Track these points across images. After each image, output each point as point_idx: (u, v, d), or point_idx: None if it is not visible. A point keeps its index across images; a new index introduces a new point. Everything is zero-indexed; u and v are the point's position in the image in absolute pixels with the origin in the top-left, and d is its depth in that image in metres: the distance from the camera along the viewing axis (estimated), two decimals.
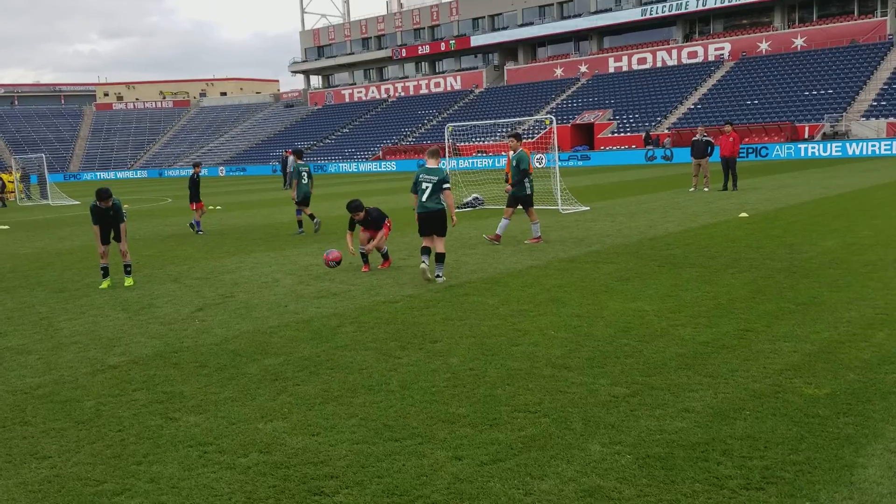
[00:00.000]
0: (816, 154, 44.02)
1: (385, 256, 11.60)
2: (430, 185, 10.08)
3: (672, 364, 5.99)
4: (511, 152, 13.76)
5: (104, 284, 10.90)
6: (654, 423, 4.79)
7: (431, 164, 10.37)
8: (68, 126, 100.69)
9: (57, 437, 5.06)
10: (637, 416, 4.93)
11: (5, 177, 39.39)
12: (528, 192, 13.41)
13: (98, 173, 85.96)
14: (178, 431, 5.04)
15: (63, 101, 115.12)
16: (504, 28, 77.19)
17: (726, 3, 62.13)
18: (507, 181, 19.15)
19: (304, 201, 16.83)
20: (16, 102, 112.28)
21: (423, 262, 10.02)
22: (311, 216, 16.94)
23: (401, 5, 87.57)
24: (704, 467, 4.17)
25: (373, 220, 11.40)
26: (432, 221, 10.14)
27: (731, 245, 11.92)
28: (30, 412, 5.58)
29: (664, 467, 4.19)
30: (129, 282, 10.98)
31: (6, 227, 22.33)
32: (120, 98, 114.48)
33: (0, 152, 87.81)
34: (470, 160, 54.19)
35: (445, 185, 10.06)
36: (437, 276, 10.09)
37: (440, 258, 10.17)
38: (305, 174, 16.78)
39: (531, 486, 4.05)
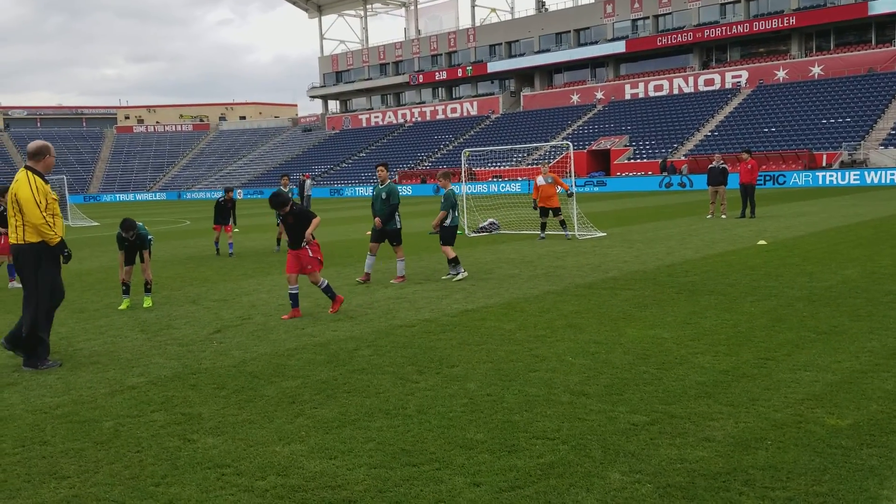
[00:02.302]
0: (834, 182, 43.83)
1: (330, 294, 9.90)
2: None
3: (692, 392, 5.94)
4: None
5: (123, 305, 10.98)
6: (674, 452, 4.74)
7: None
8: (89, 148, 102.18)
9: (76, 457, 5.08)
10: (657, 445, 4.88)
11: None
12: (398, 226, 12.53)
13: (118, 195, 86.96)
14: (196, 453, 5.05)
15: (85, 124, 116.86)
16: (521, 55, 77.79)
17: (743, 31, 62.33)
18: (535, 207, 19.13)
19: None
20: (39, 124, 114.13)
21: (463, 272, 12.56)
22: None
23: (419, 32, 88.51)
24: (726, 497, 4.11)
25: (295, 223, 9.75)
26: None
27: (750, 273, 11.85)
28: (49, 432, 5.61)
29: (685, 497, 4.14)
30: (147, 303, 11.06)
31: None
32: (140, 121, 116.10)
33: None
34: (486, 184, 54.40)
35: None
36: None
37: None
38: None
39: None
